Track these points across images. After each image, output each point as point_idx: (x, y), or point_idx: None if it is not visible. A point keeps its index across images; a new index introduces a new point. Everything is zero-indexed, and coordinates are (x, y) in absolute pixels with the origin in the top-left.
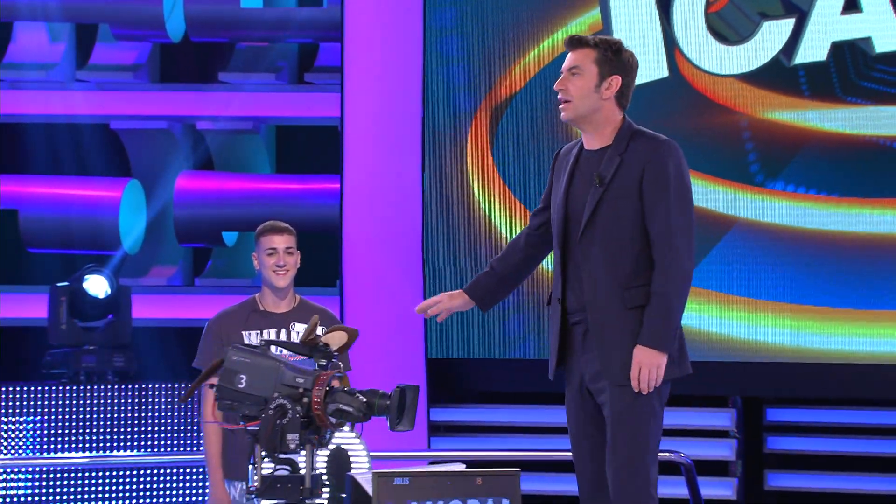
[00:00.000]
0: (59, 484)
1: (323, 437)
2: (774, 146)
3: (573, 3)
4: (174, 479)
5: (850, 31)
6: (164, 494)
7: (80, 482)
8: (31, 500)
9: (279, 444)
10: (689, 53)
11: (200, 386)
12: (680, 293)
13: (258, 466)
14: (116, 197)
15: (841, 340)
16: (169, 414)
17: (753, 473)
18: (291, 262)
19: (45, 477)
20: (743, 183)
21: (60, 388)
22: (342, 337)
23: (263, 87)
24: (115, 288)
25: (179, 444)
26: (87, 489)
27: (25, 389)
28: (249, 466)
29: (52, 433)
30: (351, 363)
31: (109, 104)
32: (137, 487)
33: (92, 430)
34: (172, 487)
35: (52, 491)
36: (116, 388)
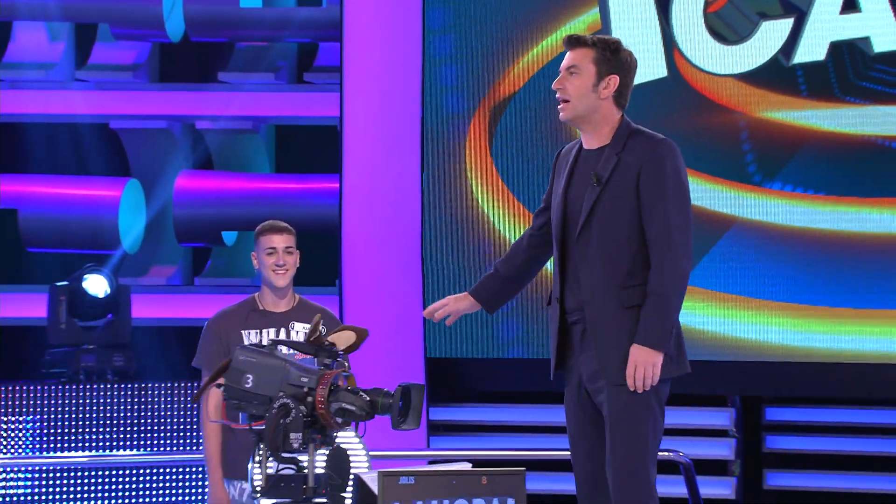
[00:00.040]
0: (58, 483)
1: (328, 436)
2: (773, 146)
3: (572, 2)
4: (174, 478)
5: (848, 30)
6: (163, 494)
7: (79, 482)
8: (30, 499)
9: (282, 443)
10: (687, 53)
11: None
12: (677, 292)
13: (263, 466)
14: (116, 196)
15: (840, 340)
16: (168, 413)
17: (752, 473)
18: (291, 261)
19: (44, 476)
20: (741, 182)
21: (60, 387)
22: (350, 337)
23: (263, 86)
24: (114, 287)
25: (179, 443)
26: (86, 489)
27: (25, 389)
28: (249, 465)
29: (51, 433)
30: (351, 363)
31: (109, 104)
32: (137, 487)
33: (91, 429)
34: (172, 487)
35: (51, 490)
36: (116, 387)
